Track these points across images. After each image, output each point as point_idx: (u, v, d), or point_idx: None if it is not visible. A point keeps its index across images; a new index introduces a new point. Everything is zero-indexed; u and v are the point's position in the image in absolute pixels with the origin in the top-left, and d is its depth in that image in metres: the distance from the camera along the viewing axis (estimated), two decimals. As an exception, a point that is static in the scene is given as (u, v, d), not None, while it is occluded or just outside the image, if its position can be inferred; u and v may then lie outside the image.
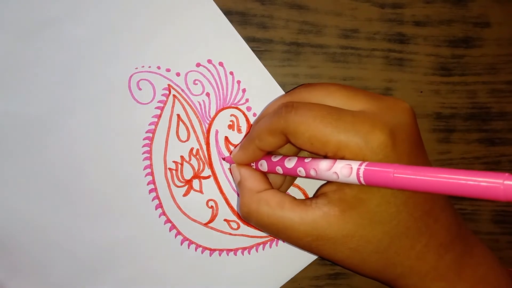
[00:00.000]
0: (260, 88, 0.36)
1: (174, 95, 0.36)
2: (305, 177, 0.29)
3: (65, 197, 0.35)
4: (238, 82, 0.36)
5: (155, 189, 0.35)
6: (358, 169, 0.25)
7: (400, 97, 0.38)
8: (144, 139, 0.35)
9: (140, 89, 0.35)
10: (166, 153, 0.36)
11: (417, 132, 0.28)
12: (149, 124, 0.35)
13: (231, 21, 0.36)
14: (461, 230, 0.30)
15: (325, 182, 0.30)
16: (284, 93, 0.36)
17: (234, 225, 0.36)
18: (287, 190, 0.35)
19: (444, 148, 0.39)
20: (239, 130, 0.36)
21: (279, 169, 0.30)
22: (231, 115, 0.36)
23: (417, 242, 0.27)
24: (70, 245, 0.35)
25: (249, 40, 0.36)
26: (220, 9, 0.36)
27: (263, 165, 0.32)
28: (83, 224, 0.35)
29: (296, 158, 0.30)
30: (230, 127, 0.36)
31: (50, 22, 0.34)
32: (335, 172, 0.26)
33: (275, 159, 0.31)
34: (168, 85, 0.36)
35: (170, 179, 0.36)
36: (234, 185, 0.36)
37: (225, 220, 0.36)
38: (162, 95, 0.35)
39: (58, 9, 0.34)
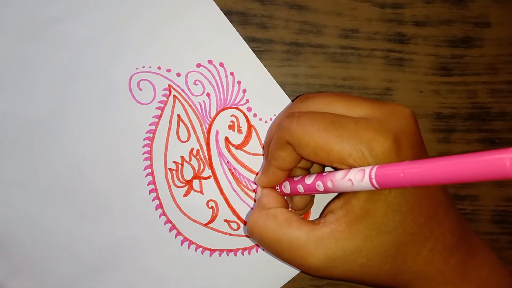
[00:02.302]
0: (260, 88, 0.36)
1: (174, 96, 0.35)
2: (324, 191, 0.28)
3: (65, 197, 0.35)
4: (239, 82, 0.36)
5: (155, 190, 0.35)
6: (370, 171, 0.24)
7: (400, 97, 0.38)
8: (144, 140, 0.35)
9: (140, 89, 0.35)
10: (167, 153, 0.36)
11: (420, 138, 0.28)
12: (150, 125, 0.35)
13: (231, 21, 0.36)
14: (465, 232, 0.30)
15: (330, 200, 0.29)
16: (282, 91, 0.36)
17: (234, 226, 0.36)
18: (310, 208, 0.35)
19: (444, 148, 0.39)
20: (239, 131, 0.36)
21: (300, 188, 0.30)
22: (231, 116, 0.36)
23: (423, 247, 0.27)
24: (71, 245, 0.35)
25: (249, 40, 0.36)
26: (220, 9, 0.36)
27: (286, 187, 0.31)
28: (84, 224, 0.35)
29: (315, 174, 0.29)
30: (231, 127, 0.36)
31: (51, 22, 0.34)
32: (350, 179, 0.25)
33: (296, 178, 0.31)
34: (169, 85, 0.35)
35: (170, 179, 0.36)
36: (234, 186, 0.36)
37: (225, 220, 0.36)
38: (163, 95, 0.35)
39: (59, 10, 0.34)
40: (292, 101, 0.35)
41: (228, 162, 0.36)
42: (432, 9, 0.38)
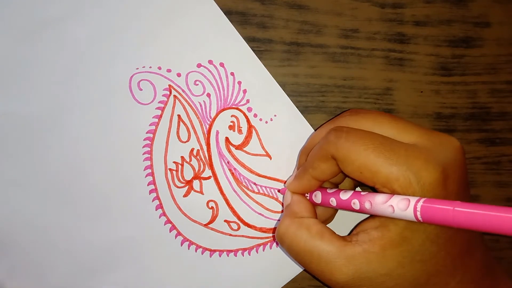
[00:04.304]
0: (261, 89, 0.36)
1: (174, 96, 0.35)
2: (358, 210, 0.28)
3: (65, 197, 0.35)
4: (239, 83, 0.36)
5: (155, 190, 0.35)
6: (416, 203, 0.24)
7: (400, 97, 0.38)
8: (144, 140, 0.35)
9: (141, 89, 0.35)
10: (167, 153, 0.35)
11: (466, 171, 0.28)
12: (150, 125, 0.35)
13: (231, 21, 0.36)
14: (491, 265, 0.29)
15: (364, 219, 0.29)
16: (283, 92, 0.36)
17: (234, 226, 0.36)
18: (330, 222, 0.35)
19: (444, 148, 0.39)
20: (239, 131, 0.36)
21: (332, 201, 0.30)
22: (231, 116, 0.36)
23: (452, 278, 0.27)
24: (70, 245, 0.35)
25: (249, 40, 0.36)
26: (220, 9, 0.36)
27: (318, 196, 0.31)
28: (83, 224, 0.35)
29: (352, 191, 0.29)
30: (231, 127, 0.36)
31: (51, 22, 0.34)
32: (391, 206, 0.25)
33: (330, 190, 0.30)
34: (169, 85, 0.35)
35: (170, 179, 0.36)
36: (234, 186, 0.36)
37: (225, 221, 0.36)
38: (163, 95, 0.35)
39: (59, 9, 0.34)
40: (339, 113, 0.34)
41: (228, 162, 0.36)
42: (432, 9, 0.38)
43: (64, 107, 0.35)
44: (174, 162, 0.36)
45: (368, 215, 0.30)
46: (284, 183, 0.36)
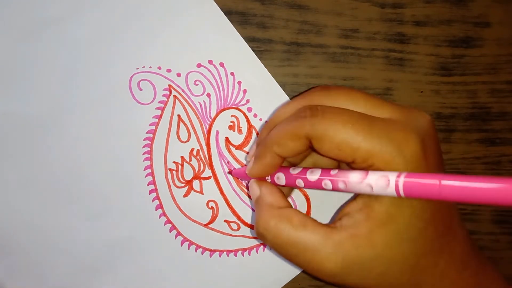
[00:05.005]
0: (261, 89, 0.36)
1: (174, 96, 0.35)
2: (331, 190, 0.27)
3: (65, 197, 0.35)
4: (239, 83, 0.36)
5: (155, 190, 0.35)
6: (397, 180, 0.23)
7: (400, 97, 0.38)
8: (144, 140, 0.35)
9: (141, 89, 0.35)
10: (167, 153, 0.35)
11: (439, 144, 0.27)
12: (150, 125, 0.35)
13: (231, 21, 0.36)
14: (474, 246, 0.29)
15: (346, 202, 0.28)
16: (283, 92, 0.36)
17: (234, 226, 0.36)
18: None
19: (445, 148, 0.39)
20: (239, 131, 0.36)
21: (299, 183, 0.28)
22: (231, 116, 0.36)
23: (440, 259, 0.26)
24: (70, 245, 0.35)
25: (249, 40, 0.36)
26: (220, 9, 0.36)
27: (281, 179, 0.30)
28: (83, 224, 0.35)
29: (320, 170, 0.27)
30: (231, 127, 0.36)
31: (51, 22, 0.34)
32: (369, 184, 0.24)
33: (294, 171, 0.29)
34: (169, 85, 0.35)
35: (170, 179, 0.36)
36: (234, 186, 0.36)
37: (225, 221, 0.36)
38: (163, 95, 0.35)
39: (59, 9, 0.34)
40: (307, 90, 0.33)
41: (228, 162, 0.36)
42: (432, 9, 0.38)
43: (64, 107, 0.35)
44: (174, 162, 0.36)
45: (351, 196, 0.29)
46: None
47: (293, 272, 0.37)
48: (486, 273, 0.29)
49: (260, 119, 0.36)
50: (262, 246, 0.36)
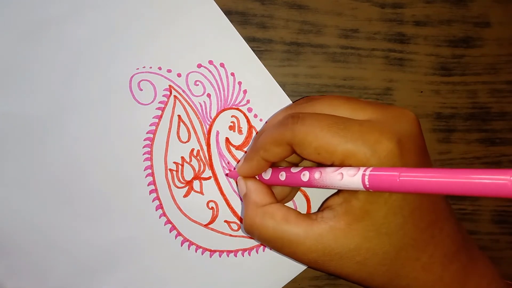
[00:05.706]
0: (261, 89, 0.36)
1: (175, 96, 0.35)
2: (307, 183, 0.28)
3: (65, 197, 0.35)
4: (239, 83, 0.36)
5: (155, 190, 0.35)
6: (365, 170, 0.24)
7: (400, 97, 0.38)
8: (144, 140, 0.35)
9: (141, 89, 0.35)
10: (167, 154, 0.35)
11: (423, 142, 0.28)
12: (150, 125, 0.35)
13: (231, 21, 0.36)
14: (465, 241, 0.30)
15: (330, 195, 0.29)
16: (284, 93, 0.36)
17: (235, 226, 0.36)
18: (289, 201, 0.35)
19: (444, 148, 0.39)
20: (240, 131, 0.36)
21: (282, 175, 0.30)
22: (232, 116, 0.36)
23: (423, 253, 0.27)
24: (70, 245, 0.35)
25: (249, 40, 0.36)
26: (220, 9, 0.36)
27: (267, 173, 0.31)
28: (83, 225, 0.35)
29: (302, 167, 0.29)
30: (231, 128, 0.36)
31: (51, 22, 0.34)
32: (341, 173, 0.26)
33: (280, 167, 0.31)
34: (169, 85, 0.35)
35: (170, 180, 0.36)
36: (234, 186, 0.36)
37: (225, 221, 0.36)
38: (163, 95, 0.35)
39: (59, 9, 0.34)
40: (296, 101, 0.35)
41: (228, 162, 0.36)
42: (432, 9, 0.38)
43: (64, 107, 0.35)
44: (174, 162, 0.36)
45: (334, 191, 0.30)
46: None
47: (293, 272, 0.37)
48: (476, 267, 0.30)
49: (261, 120, 0.36)
50: (262, 247, 0.36)
